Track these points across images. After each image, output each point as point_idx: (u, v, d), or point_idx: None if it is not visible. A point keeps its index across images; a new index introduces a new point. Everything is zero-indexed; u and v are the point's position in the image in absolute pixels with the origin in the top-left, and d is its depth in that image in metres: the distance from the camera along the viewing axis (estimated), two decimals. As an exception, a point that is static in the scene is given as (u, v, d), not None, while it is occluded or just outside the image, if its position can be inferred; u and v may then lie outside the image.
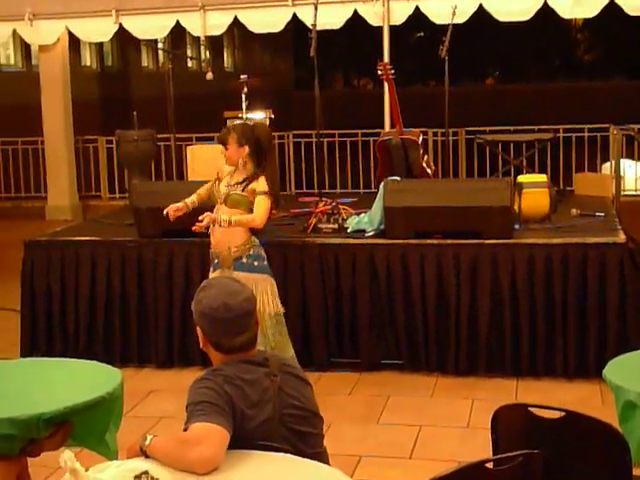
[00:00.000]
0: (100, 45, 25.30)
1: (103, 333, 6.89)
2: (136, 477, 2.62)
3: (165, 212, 5.92)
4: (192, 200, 5.99)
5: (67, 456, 2.49)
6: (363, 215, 6.92)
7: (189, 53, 26.86)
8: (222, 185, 5.86)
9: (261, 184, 5.73)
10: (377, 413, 5.86)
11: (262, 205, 5.70)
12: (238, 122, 6.06)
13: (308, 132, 13.37)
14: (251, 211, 5.71)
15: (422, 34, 45.05)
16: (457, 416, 5.77)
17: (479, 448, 5.13)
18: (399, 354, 6.54)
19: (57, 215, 12.96)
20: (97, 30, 9.97)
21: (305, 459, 3.07)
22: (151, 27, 9.46)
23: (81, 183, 13.95)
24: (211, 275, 5.81)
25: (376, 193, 6.85)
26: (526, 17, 10.08)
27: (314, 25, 7.32)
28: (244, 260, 5.78)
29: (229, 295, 3.23)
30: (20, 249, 7.26)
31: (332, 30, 10.10)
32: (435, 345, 6.46)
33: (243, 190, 5.72)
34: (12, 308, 8.01)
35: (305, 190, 12.97)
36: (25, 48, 21.79)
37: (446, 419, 5.73)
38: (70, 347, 6.90)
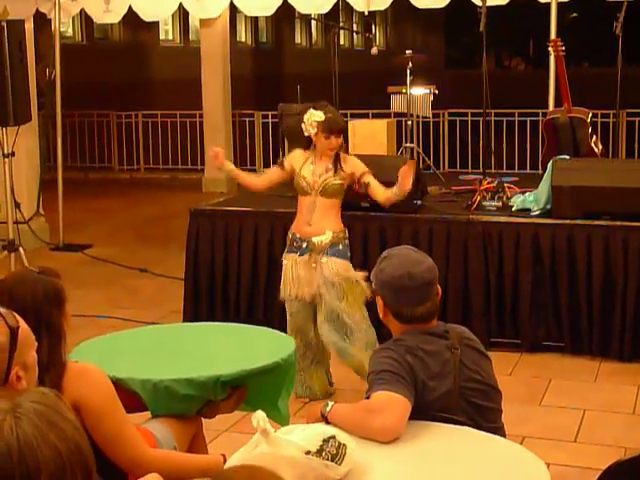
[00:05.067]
0: (255, 21, 25.60)
1: (263, 304, 6.93)
2: (324, 441, 2.62)
3: None
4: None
5: (260, 416, 2.50)
6: (528, 194, 6.80)
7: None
8: (307, 175, 5.47)
9: (358, 164, 5.49)
10: (539, 395, 5.77)
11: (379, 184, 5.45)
12: (321, 106, 5.45)
13: (464, 110, 13.28)
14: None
15: (575, 15, 44.11)
16: (622, 402, 5.64)
17: (647, 435, 5.03)
18: (561, 337, 6.42)
19: (213, 187, 13.17)
20: (261, 4, 10.05)
21: (486, 433, 3.04)
22: (315, 1, 9.48)
23: (237, 156, 14.16)
24: (299, 260, 5.52)
25: (537, 173, 6.71)
26: None
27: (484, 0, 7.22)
28: (340, 247, 5.49)
29: (412, 264, 3.20)
30: (179, 219, 7.36)
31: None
32: (599, 329, 6.31)
33: (335, 175, 5.42)
34: (174, 276, 8.19)
35: (459, 169, 12.87)
36: (183, 23, 22.23)
37: (610, 404, 5.61)
38: (231, 316, 6.94)
